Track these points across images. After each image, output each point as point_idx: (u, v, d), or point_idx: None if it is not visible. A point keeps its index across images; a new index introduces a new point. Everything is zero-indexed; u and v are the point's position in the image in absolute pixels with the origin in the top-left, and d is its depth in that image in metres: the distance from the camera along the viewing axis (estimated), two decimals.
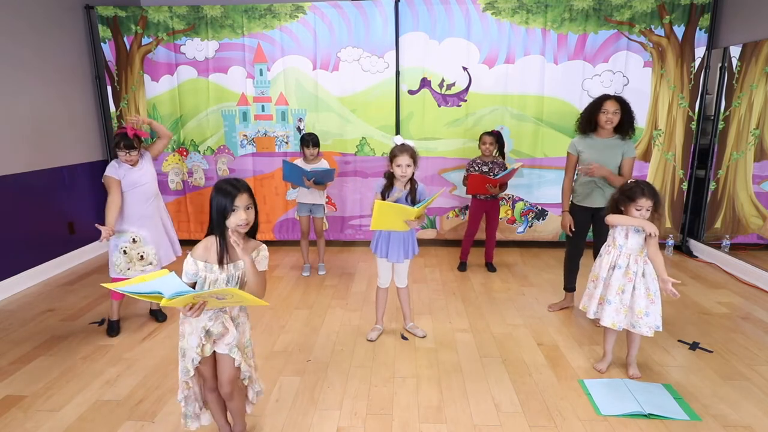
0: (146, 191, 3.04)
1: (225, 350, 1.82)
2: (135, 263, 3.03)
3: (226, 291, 1.58)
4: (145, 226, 3.04)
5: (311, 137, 3.95)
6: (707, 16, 4.35)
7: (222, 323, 1.81)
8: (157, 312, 3.34)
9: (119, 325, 3.16)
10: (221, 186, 1.71)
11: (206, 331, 1.80)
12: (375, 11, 4.53)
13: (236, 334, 1.83)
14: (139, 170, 3.01)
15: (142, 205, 3.03)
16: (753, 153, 4.16)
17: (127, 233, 3.01)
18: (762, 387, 2.49)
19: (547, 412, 2.30)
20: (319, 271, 4.28)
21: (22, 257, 3.96)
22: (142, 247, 3.02)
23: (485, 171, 4.05)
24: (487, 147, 4.02)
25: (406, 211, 2.64)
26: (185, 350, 1.84)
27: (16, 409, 2.35)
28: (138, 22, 4.66)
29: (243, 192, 1.71)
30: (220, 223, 1.72)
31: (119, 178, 2.95)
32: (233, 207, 1.69)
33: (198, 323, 1.79)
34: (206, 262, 1.75)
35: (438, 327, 3.20)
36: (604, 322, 2.52)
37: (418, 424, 2.21)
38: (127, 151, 2.92)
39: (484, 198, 4.13)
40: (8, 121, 3.82)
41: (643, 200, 2.41)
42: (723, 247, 4.40)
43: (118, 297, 3.13)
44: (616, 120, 3.04)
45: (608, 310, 2.50)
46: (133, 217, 3.01)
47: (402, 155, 2.73)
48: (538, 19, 4.45)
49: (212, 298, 1.60)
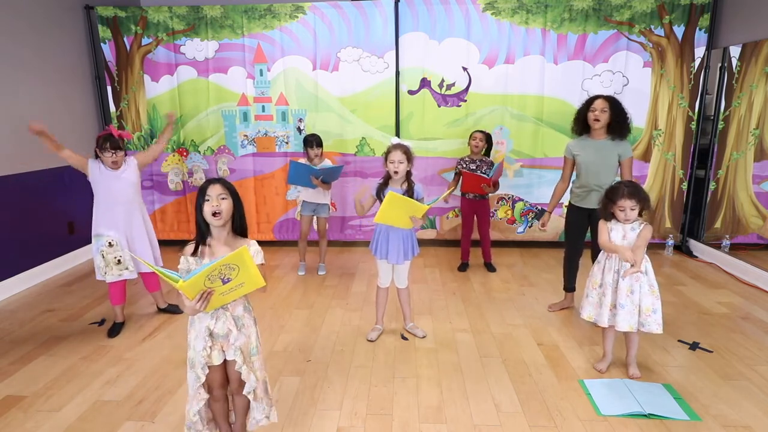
0: (120, 197, 3.00)
1: (231, 356, 1.83)
2: (112, 267, 3.02)
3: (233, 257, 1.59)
4: (119, 231, 3.01)
5: (314, 138, 3.96)
6: (707, 16, 4.35)
7: (224, 323, 1.81)
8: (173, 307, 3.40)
9: (121, 327, 3.17)
10: (200, 186, 1.80)
11: (210, 331, 1.80)
12: (375, 11, 4.53)
13: (238, 334, 1.83)
14: (117, 177, 2.98)
15: (113, 209, 3.00)
16: (753, 153, 4.16)
17: (103, 237, 3.00)
18: (762, 387, 2.49)
19: (547, 412, 2.30)
20: (319, 271, 4.28)
21: (22, 258, 3.97)
22: (118, 251, 3.01)
23: (473, 169, 4.06)
24: (476, 143, 4.03)
25: (415, 206, 2.64)
26: (193, 359, 1.82)
27: (16, 409, 2.35)
28: (138, 23, 4.67)
29: (215, 183, 1.77)
30: (200, 218, 1.78)
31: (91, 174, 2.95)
32: (206, 197, 1.74)
33: (201, 323, 1.79)
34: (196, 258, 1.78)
35: (438, 327, 3.20)
36: (621, 328, 2.47)
37: (418, 424, 2.21)
38: (114, 151, 2.92)
39: (473, 197, 4.13)
40: (8, 121, 3.83)
41: (623, 201, 2.40)
42: (723, 247, 4.40)
43: (118, 301, 3.13)
44: (604, 118, 3.03)
45: (623, 314, 2.46)
46: (107, 220, 3.00)
47: (394, 151, 2.74)
48: (537, 20, 4.46)
49: (218, 280, 1.63)
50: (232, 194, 1.79)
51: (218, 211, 1.74)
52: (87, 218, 3.29)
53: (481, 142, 4.03)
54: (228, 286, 1.67)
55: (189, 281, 1.59)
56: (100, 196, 3.01)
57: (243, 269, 1.64)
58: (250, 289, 1.73)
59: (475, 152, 4.07)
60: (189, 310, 1.71)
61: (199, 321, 1.81)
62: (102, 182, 2.97)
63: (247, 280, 1.68)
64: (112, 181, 2.98)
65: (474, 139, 4.05)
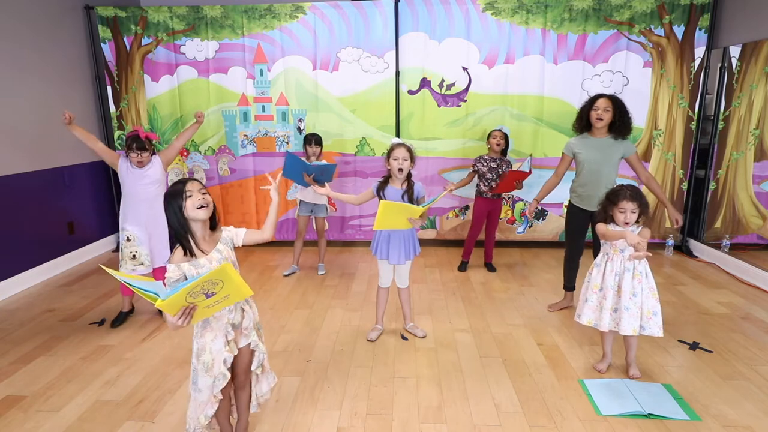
0: (143, 194, 3.08)
1: (245, 341, 1.86)
2: (127, 261, 3.10)
3: (216, 273, 1.54)
4: (141, 227, 3.10)
5: (314, 136, 3.99)
6: (707, 16, 4.35)
7: (239, 309, 1.85)
8: None
9: (126, 317, 3.23)
10: (168, 191, 1.75)
11: (232, 325, 1.82)
12: (375, 11, 4.53)
13: (251, 312, 1.89)
14: (142, 175, 3.07)
15: (137, 206, 3.10)
16: (753, 153, 4.16)
17: (125, 231, 3.10)
18: (762, 387, 2.49)
19: (547, 412, 2.30)
20: (319, 271, 4.28)
21: (22, 257, 3.97)
22: (135, 246, 3.08)
23: (494, 167, 4.04)
24: (498, 141, 4.00)
25: (411, 210, 2.65)
26: (209, 363, 1.79)
27: (16, 409, 2.35)
28: (138, 23, 4.66)
29: (191, 180, 1.77)
30: (181, 220, 1.72)
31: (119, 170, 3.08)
32: (187, 194, 1.72)
33: (220, 322, 1.80)
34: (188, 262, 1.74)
35: (438, 327, 3.20)
36: (625, 331, 2.44)
37: (418, 424, 2.21)
38: (139, 152, 3.01)
39: (491, 197, 4.12)
40: (8, 121, 3.83)
41: (624, 203, 2.41)
42: (723, 247, 4.40)
43: (128, 293, 3.23)
44: (606, 117, 3.03)
45: (626, 317, 2.44)
46: (129, 215, 3.11)
47: (398, 148, 2.74)
48: (537, 20, 4.46)
49: (201, 295, 1.59)
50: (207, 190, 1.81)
51: (204, 204, 1.73)
52: (87, 218, 3.32)
53: (502, 140, 4.02)
54: (212, 300, 1.64)
55: (168, 300, 1.53)
56: (127, 192, 3.12)
57: (227, 283, 1.60)
58: (237, 300, 1.72)
59: (496, 151, 4.05)
60: (171, 326, 1.64)
61: (216, 320, 1.79)
62: (128, 179, 3.08)
63: (233, 292, 1.66)
64: (137, 179, 3.07)
65: (494, 137, 4.02)
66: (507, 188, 3.98)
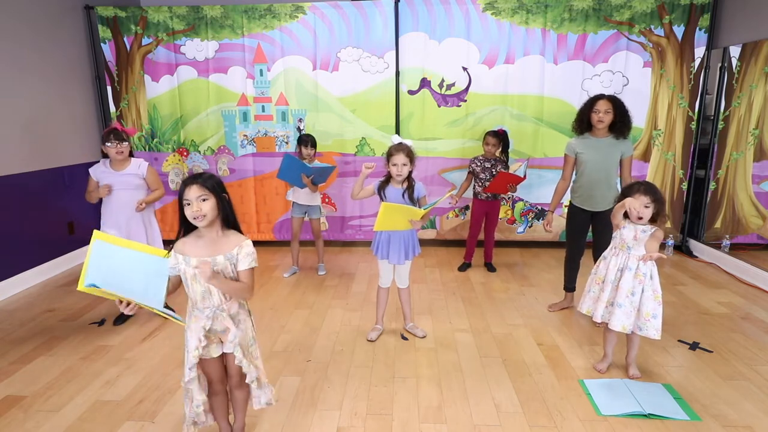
0: (121, 198, 3.07)
1: (230, 348, 1.83)
2: None
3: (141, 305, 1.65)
4: (121, 230, 3.06)
5: (310, 138, 3.97)
6: (707, 16, 4.35)
7: (221, 322, 1.81)
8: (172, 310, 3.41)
9: (127, 316, 3.22)
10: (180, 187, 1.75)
11: (206, 330, 1.80)
12: (375, 11, 4.53)
13: (236, 331, 1.83)
14: (120, 176, 3.05)
15: (115, 207, 3.08)
16: (753, 153, 4.16)
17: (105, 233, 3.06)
18: (762, 387, 2.49)
19: (547, 412, 2.30)
20: (318, 272, 4.27)
21: (22, 257, 3.96)
22: None
23: (488, 167, 4.05)
24: (489, 149, 4.03)
25: (411, 211, 2.66)
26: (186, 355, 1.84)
27: (16, 409, 2.35)
28: (138, 23, 4.66)
29: (192, 184, 1.69)
30: (183, 218, 1.74)
31: (96, 179, 3.09)
32: (185, 201, 1.70)
33: (197, 323, 1.79)
34: (184, 255, 1.76)
35: (438, 327, 3.20)
36: (614, 327, 2.46)
37: (418, 424, 2.21)
38: (117, 142, 2.97)
39: (487, 198, 4.13)
40: (8, 121, 3.82)
41: (638, 196, 2.40)
42: (723, 247, 4.40)
43: None
44: (608, 119, 3.03)
45: (618, 314, 2.45)
46: (108, 218, 3.11)
47: (397, 154, 2.73)
48: (537, 20, 4.45)
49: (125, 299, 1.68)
50: (214, 191, 1.71)
51: (199, 216, 1.68)
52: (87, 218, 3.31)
53: (494, 147, 4.02)
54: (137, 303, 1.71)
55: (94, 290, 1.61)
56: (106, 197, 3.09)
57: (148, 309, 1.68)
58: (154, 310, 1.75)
59: (489, 156, 4.07)
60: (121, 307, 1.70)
61: (195, 321, 1.80)
62: (105, 180, 3.06)
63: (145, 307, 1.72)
64: (114, 180, 3.05)
65: (487, 144, 4.03)
66: (499, 189, 3.99)
